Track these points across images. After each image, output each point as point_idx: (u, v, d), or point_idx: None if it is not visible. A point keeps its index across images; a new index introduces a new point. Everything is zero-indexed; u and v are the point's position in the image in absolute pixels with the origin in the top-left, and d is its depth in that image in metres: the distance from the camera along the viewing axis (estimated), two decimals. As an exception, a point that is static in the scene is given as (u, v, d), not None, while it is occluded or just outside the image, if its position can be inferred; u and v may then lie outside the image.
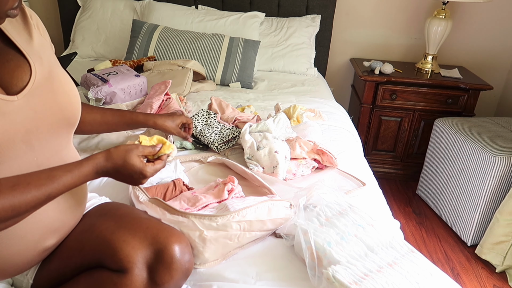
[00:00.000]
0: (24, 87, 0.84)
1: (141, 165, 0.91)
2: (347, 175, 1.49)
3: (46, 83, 0.88)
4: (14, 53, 0.86)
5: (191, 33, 2.50)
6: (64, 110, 0.91)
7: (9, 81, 0.83)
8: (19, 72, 0.85)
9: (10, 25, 0.88)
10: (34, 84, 0.85)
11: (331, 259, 0.98)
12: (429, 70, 2.71)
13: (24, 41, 0.89)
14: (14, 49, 0.87)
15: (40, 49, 0.92)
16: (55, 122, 0.90)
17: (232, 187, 1.24)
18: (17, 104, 0.82)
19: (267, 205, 1.11)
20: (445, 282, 0.97)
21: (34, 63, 0.87)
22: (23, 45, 0.88)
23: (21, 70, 0.85)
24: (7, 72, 0.83)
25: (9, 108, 0.80)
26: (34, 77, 0.86)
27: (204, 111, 1.73)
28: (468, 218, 2.21)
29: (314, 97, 2.31)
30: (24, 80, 0.85)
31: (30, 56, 0.87)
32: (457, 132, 2.29)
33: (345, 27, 2.96)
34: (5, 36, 0.86)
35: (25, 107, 0.83)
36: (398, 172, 2.89)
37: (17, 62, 0.85)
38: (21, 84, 0.84)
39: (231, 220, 1.04)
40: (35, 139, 0.86)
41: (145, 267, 0.88)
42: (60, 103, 0.90)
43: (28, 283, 0.98)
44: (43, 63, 0.90)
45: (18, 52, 0.87)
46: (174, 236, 0.92)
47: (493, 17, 2.82)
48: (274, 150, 1.42)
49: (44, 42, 0.96)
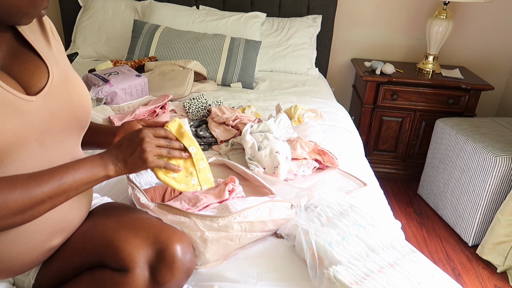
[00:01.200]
0: (42, 89, 0.86)
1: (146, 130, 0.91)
2: (348, 175, 1.49)
3: (62, 85, 0.91)
4: (33, 55, 0.89)
5: (192, 33, 2.50)
6: (77, 112, 0.93)
7: (29, 82, 0.85)
8: (38, 73, 0.87)
9: (29, 30, 0.91)
10: (52, 85, 0.88)
11: (332, 260, 0.98)
12: (430, 70, 2.71)
13: (41, 45, 0.92)
14: (33, 52, 0.89)
15: (56, 53, 0.95)
16: (68, 123, 0.92)
17: (233, 187, 1.24)
18: (35, 105, 0.84)
19: (268, 205, 1.11)
20: (446, 282, 0.97)
21: (52, 66, 0.90)
22: (41, 48, 0.90)
23: (40, 72, 0.87)
24: (27, 73, 0.86)
25: (28, 108, 0.82)
26: (52, 79, 0.88)
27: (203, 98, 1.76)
28: (469, 218, 2.21)
29: (315, 97, 2.31)
30: (43, 81, 0.87)
31: (47, 59, 0.90)
32: (458, 132, 2.29)
33: (346, 28, 2.96)
34: (24, 39, 0.89)
35: (42, 107, 0.85)
36: (399, 172, 2.88)
37: (36, 64, 0.88)
38: (39, 85, 0.86)
39: (233, 221, 1.04)
40: (48, 139, 0.88)
41: (147, 267, 0.89)
42: (74, 105, 0.92)
43: (30, 283, 0.98)
44: (59, 66, 0.92)
45: (36, 55, 0.89)
46: (176, 236, 0.93)
47: (494, 17, 2.82)
48: (275, 151, 1.42)
49: (60, 47, 0.99)
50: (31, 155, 0.84)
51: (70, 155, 0.95)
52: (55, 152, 0.90)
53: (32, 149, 0.84)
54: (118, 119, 1.73)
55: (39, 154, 0.86)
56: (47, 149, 0.88)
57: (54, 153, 0.89)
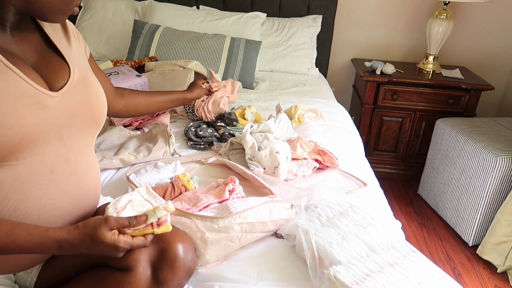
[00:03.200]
0: (63, 86, 0.90)
1: (112, 238, 0.81)
2: (348, 176, 1.49)
3: (81, 85, 0.95)
4: (57, 56, 0.94)
5: (193, 33, 2.50)
6: (94, 111, 0.98)
7: (54, 79, 0.90)
8: (61, 72, 0.92)
9: (53, 32, 0.96)
10: (72, 84, 0.92)
11: (332, 260, 0.98)
12: (430, 71, 2.71)
13: (64, 46, 0.97)
14: (57, 53, 0.95)
15: (77, 55, 1.00)
16: (85, 121, 0.96)
17: (233, 187, 1.24)
18: (56, 100, 0.88)
19: (268, 206, 1.11)
20: (447, 283, 0.97)
21: (73, 66, 0.95)
22: (64, 49, 0.96)
23: (63, 71, 0.93)
24: (53, 71, 0.91)
25: (50, 102, 0.86)
26: (72, 78, 0.93)
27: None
28: (469, 218, 2.21)
29: (315, 97, 2.31)
30: (64, 79, 0.92)
31: (69, 60, 0.95)
32: (459, 132, 2.29)
33: (347, 28, 2.96)
34: (50, 40, 0.95)
35: (62, 103, 0.89)
36: (399, 173, 2.88)
37: (61, 64, 0.94)
38: (62, 82, 0.91)
39: (233, 222, 1.04)
40: (67, 135, 0.91)
41: (149, 266, 0.90)
42: (91, 104, 0.97)
43: (32, 281, 0.99)
44: (80, 67, 0.97)
45: (60, 55, 0.95)
46: (178, 235, 0.94)
47: (495, 17, 2.82)
48: (275, 151, 1.42)
49: (80, 49, 1.05)
50: (50, 149, 0.88)
51: (84, 154, 0.98)
52: (72, 148, 0.93)
53: (51, 143, 0.88)
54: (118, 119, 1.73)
55: (57, 148, 0.89)
56: (66, 144, 0.91)
57: (71, 149, 0.93)
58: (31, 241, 0.80)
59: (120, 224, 0.82)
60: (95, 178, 1.02)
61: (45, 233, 0.81)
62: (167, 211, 0.84)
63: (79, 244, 0.82)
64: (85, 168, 0.98)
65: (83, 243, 0.82)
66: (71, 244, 0.81)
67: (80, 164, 0.96)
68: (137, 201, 0.89)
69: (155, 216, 0.83)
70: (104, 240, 0.80)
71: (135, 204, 0.88)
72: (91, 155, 1.02)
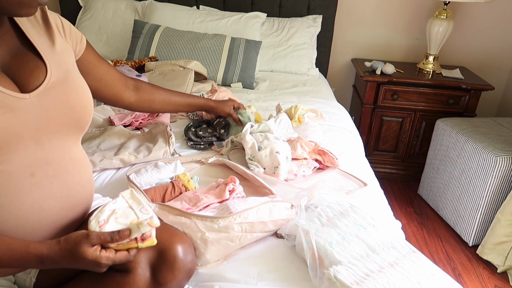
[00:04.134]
0: (38, 87, 0.86)
1: (93, 255, 0.79)
2: (348, 176, 1.49)
3: (61, 85, 0.90)
4: (34, 55, 0.89)
5: (193, 33, 2.50)
6: (75, 112, 0.93)
7: (27, 80, 0.86)
8: (36, 72, 0.87)
9: (33, 29, 0.92)
10: (48, 84, 0.88)
11: (332, 260, 0.98)
12: (430, 71, 2.71)
13: (44, 44, 0.92)
14: (34, 51, 0.90)
15: (60, 53, 0.95)
16: (65, 123, 0.91)
17: (234, 187, 1.24)
18: (28, 102, 0.84)
19: (269, 206, 1.11)
20: (447, 283, 0.97)
21: (51, 65, 0.90)
22: (42, 48, 0.91)
23: (39, 71, 0.88)
24: (27, 72, 0.86)
25: (19, 105, 0.82)
26: (49, 78, 0.88)
27: None
28: (469, 218, 2.21)
29: (315, 97, 2.31)
30: (40, 80, 0.87)
31: (47, 59, 0.90)
32: (459, 132, 2.29)
33: (347, 28, 2.96)
34: (26, 38, 0.90)
35: (36, 105, 0.85)
36: (399, 173, 2.88)
37: (36, 63, 0.88)
38: (37, 83, 0.86)
39: (233, 222, 1.04)
40: (45, 137, 0.88)
41: (148, 267, 0.89)
42: (72, 105, 0.92)
43: (31, 281, 0.98)
44: (60, 66, 0.92)
45: (37, 55, 0.89)
46: (177, 236, 0.93)
47: (495, 17, 2.82)
48: (276, 151, 1.42)
49: (66, 47, 0.99)
50: (26, 153, 0.84)
51: (68, 155, 0.94)
52: (53, 151, 0.90)
53: (27, 146, 0.84)
54: (118, 119, 1.73)
55: (35, 152, 0.86)
56: (44, 147, 0.88)
57: (51, 151, 0.89)
58: (11, 257, 0.79)
59: (102, 240, 0.79)
60: (84, 176, 0.99)
61: (26, 249, 0.79)
62: (151, 227, 0.81)
63: (60, 260, 0.80)
64: (71, 169, 0.94)
65: (64, 258, 0.80)
66: (53, 259, 0.80)
67: (65, 165, 0.93)
68: (121, 210, 0.85)
69: (139, 232, 0.80)
70: (85, 256, 0.78)
71: (119, 215, 0.84)
72: (78, 154, 0.98)
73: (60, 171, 0.91)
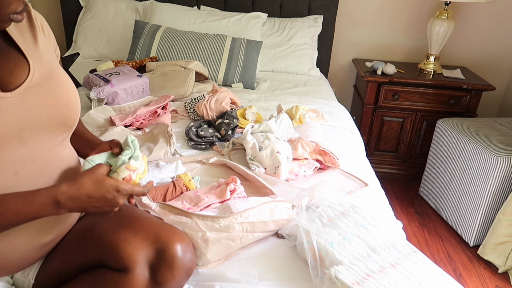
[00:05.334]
0: (20, 85, 0.85)
1: (113, 181, 0.82)
2: (349, 176, 1.49)
3: (44, 83, 0.89)
4: (16, 53, 0.88)
5: (194, 33, 2.50)
6: (60, 110, 0.91)
7: (8, 79, 0.84)
8: (18, 70, 0.86)
9: (14, 27, 0.90)
10: (31, 82, 0.86)
11: (333, 260, 0.98)
12: (431, 71, 2.71)
13: (27, 42, 0.91)
14: (16, 49, 0.88)
15: (42, 50, 0.93)
16: (51, 121, 0.90)
17: (235, 187, 1.24)
18: (10, 101, 0.83)
19: (270, 206, 1.11)
20: (448, 283, 0.97)
21: (34, 63, 0.88)
22: (25, 45, 0.89)
23: (21, 69, 0.87)
24: (7, 71, 0.85)
25: (1, 104, 0.82)
26: (32, 76, 0.87)
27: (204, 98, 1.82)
28: (470, 218, 2.21)
29: (316, 97, 2.31)
30: (22, 78, 0.86)
31: (30, 56, 0.89)
32: (460, 132, 2.28)
33: (348, 28, 2.96)
34: (8, 36, 0.88)
35: (19, 104, 0.84)
36: (400, 173, 2.88)
37: (18, 61, 0.87)
38: (18, 82, 0.85)
39: (234, 222, 1.04)
40: (29, 136, 0.87)
41: (147, 267, 0.89)
42: (57, 103, 0.90)
43: (30, 283, 0.98)
44: (43, 64, 0.91)
45: (19, 52, 0.88)
46: (176, 236, 0.93)
47: (496, 17, 2.82)
48: (276, 151, 1.42)
49: (48, 45, 0.97)
50: (10, 152, 0.84)
51: (54, 153, 0.93)
52: (37, 149, 0.89)
53: (10, 144, 0.83)
54: (119, 119, 1.73)
55: (19, 151, 0.85)
56: (28, 146, 0.87)
57: (36, 150, 0.88)
58: (24, 202, 0.78)
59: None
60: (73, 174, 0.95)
61: (37, 191, 0.80)
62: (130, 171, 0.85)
63: (77, 192, 0.80)
64: (58, 166, 0.93)
65: (82, 189, 0.80)
66: (68, 193, 0.80)
67: (51, 163, 0.91)
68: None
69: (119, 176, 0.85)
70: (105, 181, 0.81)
71: None
72: (65, 150, 0.97)
73: (46, 169, 0.90)
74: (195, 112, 1.87)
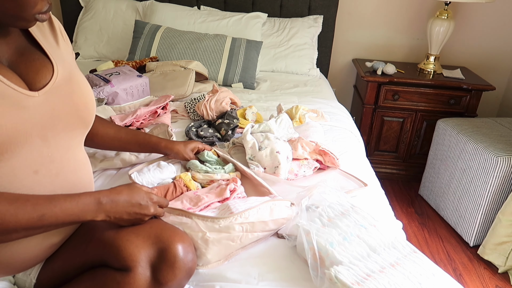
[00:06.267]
0: (45, 85, 0.89)
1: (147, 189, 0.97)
2: (349, 176, 1.49)
3: (66, 84, 0.93)
4: (40, 54, 0.92)
5: (194, 33, 2.50)
6: (79, 111, 0.96)
7: (34, 78, 0.88)
8: (43, 71, 0.90)
9: (37, 29, 0.94)
10: (55, 83, 0.90)
11: (333, 260, 0.98)
12: (431, 71, 2.71)
13: (49, 44, 0.95)
14: (40, 50, 0.92)
15: (64, 53, 0.98)
16: (71, 121, 0.94)
17: (235, 187, 1.24)
18: (37, 100, 0.86)
19: (269, 205, 1.11)
20: (448, 283, 0.97)
21: (57, 65, 0.92)
22: (48, 47, 0.94)
23: (46, 70, 0.90)
24: (33, 70, 0.89)
25: (29, 102, 0.85)
26: (56, 77, 0.91)
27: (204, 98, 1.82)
28: (470, 218, 2.21)
29: (316, 97, 2.31)
30: (47, 78, 0.90)
31: (53, 58, 0.93)
32: (460, 132, 2.28)
33: (348, 28, 2.96)
34: (33, 38, 0.92)
35: (44, 103, 0.88)
36: (400, 173, 2.88)
37: (43, 62, 0.91)
38: (44, 82, 0.89)
39: (234, 222, 1.04)
40: (51, 135, 0.90)
41: (149, 266, 0.89)
42: (76, 104, 0.95)
43: (31, 282, 0.98)
44: (65, 66, 0.95)
45: (43, 53, 0.92)
46: (178, 236, 0.93)
47: (496, 17, 2.82)
48: (276, 151, 1.42)
49: (67, 48, 1.02)
50: (32, 150, 0.86)
51: (71, 153, 0.96)
52: (57, 149, 0.91)
53: (33, 144, 0.86)
54: (119, 119, 1.73)
55: (41, 149, 0.88)
56: (50, 145, 0.90)
57: (56, 149, 0.91)
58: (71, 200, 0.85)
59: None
60: (85, 177, 1.01)
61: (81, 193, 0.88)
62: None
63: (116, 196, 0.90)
64: (74, 168, 0.96)
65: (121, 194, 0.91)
66: (109, 196, 0.90)
67: (68, 164, 0.94)
68: None
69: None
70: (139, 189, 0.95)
71: None
72: (80, 153, 1.00)
73: (63, 170, 0.93)
74: (195, 112, 1.87)
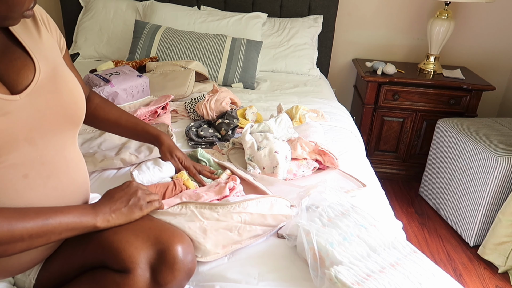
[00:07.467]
0: (27, 86, 0.84)
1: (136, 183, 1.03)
2: (348, 176, 1.49)
3: (50, 82, 0.88)
4: (21, 51, 0.87)
5: (194, 33, 2.50)
6: (67, 109, 0.91)
7: (16, 80, 0.83)
8: (25, 70, 0.85)
9: (19, 24, 0.88)
10: (38, 83, 0.85)
11: (333, 260, 0.98)
12: (431, 71, 2.71)
13: (31, 39, 0.89)
14: (21, 48, 0.87)
15: (47, 48, 0.92)
16: (59, 121, 0.90)
17: (234, 185, 1.24)
18: (19, 103, 0.82)
19: (270, 200, 1.11)
20: (448, 283, 0.97)
21: (39, 62, 0.87)
22: (29, 43, 0.88)
23: (27, 69, 0.85)
24: (14, 71, 0.84)
25: (11, 107, 0.80)
26: (38, 76, 0.86)
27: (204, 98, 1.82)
28: (470, 218, 2.21)
29: (316, 97, 2.31)
30: (29, 79, 0.85)
31: (35, 55, 0.87)
32: (460, 132, 2.28)
33: (348, 28, 2.96)
34: (12, 35, 0.87)
35: (28, 106, 0.83)
36: (400, 173, 2.88)
37: (24, 61, 0.86)
38: (26, 82, 0.84)
39: (232, 211, 1.05)
40: (38, 137, 0.86)
41: (148, 268, 0.88)
42: (64, 102, 0.90)
43: (31, 283, 0.98)
44: (48, 62, 0.90)
45: (24, 51, 0.87)
46: (177, 237, 0.93)
47: (496, 17, 2.82)
48: (274, 150, 1.42)
49: (51, 40, 0.96)
50: (20, 155, 0.83)
51: (63, 153, 0.93)
52: (47, 150, 0.88)
53: (21, 147, 0.83)
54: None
55: (29, 153, 0.84)
56: (38, 147, 0.86)
57: (46, 151, 0.88)
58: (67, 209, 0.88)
59: None
60: (79, 176, 0.97)
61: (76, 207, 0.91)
62: None
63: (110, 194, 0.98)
64: (66, 168, 0.93)
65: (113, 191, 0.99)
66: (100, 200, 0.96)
67: (60, 165, 0.91)
68: None
69: None
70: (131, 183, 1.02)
71: None
72: (73, 153, 0.96)
73: (55, 171, 0.90)
74: (195, 112, 1.87)
